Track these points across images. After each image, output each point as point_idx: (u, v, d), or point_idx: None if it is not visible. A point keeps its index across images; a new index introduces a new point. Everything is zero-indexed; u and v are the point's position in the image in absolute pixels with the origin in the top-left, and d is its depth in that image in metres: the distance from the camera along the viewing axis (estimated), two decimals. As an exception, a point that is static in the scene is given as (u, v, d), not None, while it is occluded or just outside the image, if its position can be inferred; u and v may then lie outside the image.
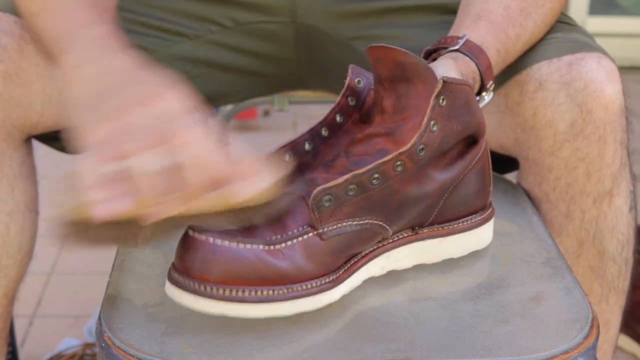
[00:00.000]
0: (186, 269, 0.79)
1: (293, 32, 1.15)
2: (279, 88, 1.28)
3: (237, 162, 0.77)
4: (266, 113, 2.74)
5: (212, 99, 1.20)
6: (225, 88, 1.20)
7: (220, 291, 0.79)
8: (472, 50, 0.94)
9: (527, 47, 1.02)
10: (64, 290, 1.85)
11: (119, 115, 0.78)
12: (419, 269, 0.93)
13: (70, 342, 1.64)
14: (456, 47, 0.94)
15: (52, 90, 1.04)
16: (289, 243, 0.80)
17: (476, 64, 0.94)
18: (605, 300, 1.08)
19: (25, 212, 1.08)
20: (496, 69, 0.97)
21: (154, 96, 0.79)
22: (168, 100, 0.78)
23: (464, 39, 0.95)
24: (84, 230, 0.77)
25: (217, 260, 0.78)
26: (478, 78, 0.94)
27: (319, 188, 0.81)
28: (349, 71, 0.89)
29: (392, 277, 0.91)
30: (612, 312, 1.10)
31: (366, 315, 0.86)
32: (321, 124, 0.89)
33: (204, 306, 0.79)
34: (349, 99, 0.89)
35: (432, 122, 0.84)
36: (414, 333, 0.83)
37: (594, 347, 0.82)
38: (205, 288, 0.79)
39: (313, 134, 0.88)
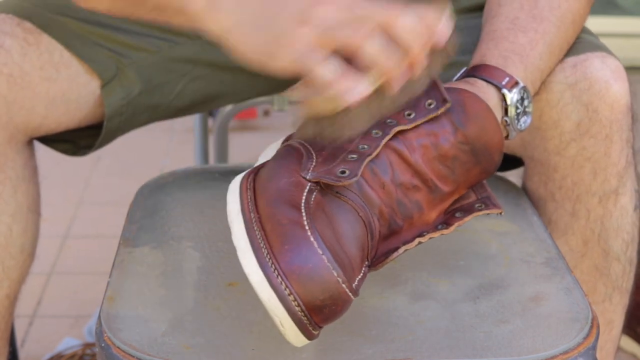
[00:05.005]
0: (324, 322, 0.79)
1: None
2: (280, 88, 1.27)
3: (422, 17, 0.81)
4: (266, 113, 2.74)
5: (214, 100, 1.20)
6: (227, 88, 1.19)
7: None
8: (465, 75, 0.95)
9: (559, 49, 1.01)
10: (64, 290, 1.85)
11: (307, 18, 0.79)
12: (419, 269, 0.93)
13: (70, 342, 1.64)
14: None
15: (56, 92, 1.05)
16: (359, 277, 0.82)
17: (481, 78, 0.94)
18: (609, 299, 1.08)
19: (27, 213, 1.08)
20: (517, 71, 0.96)
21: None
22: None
23: (457, 76, 0.96)
24: (326, 121, 0.83)
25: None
26: (493, 92, 0.94)
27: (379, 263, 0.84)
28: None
29: (392, 277, 0.91)
30: (616, 312, 1.09)
31: (366, 315, 0.86)
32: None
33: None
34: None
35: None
36: (414, 333, 0.83)
37: (594, 347, 0.82)
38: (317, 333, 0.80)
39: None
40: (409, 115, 0.87)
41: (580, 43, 1.03)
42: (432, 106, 0.88)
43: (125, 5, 0.91)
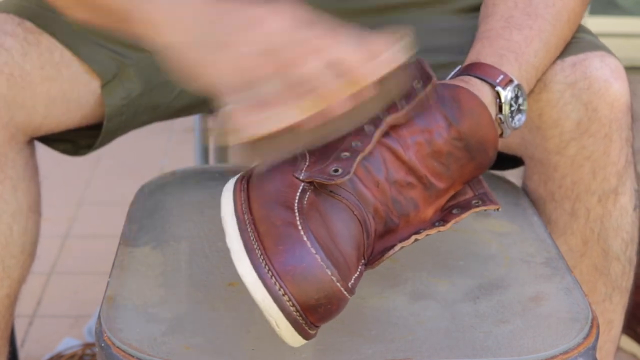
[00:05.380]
0: (320, 321, 0.79)
1: None
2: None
3: (365, 47, 0.80)
4: (266, 113, 2.74)
5: (214, 100, 1.20)
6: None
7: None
8: (460, 74, 0.94)
9: (554, 47, 1.01)
10: (64, 290, 1.85)
11: (234, 44, 0.81)
12: (419, 269, 0.93)
13: (70, 342, 1.64)
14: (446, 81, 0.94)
15: (56, 92, 1.05)
16: (355, 276, 0.81)
17: (475, 76, 0.93)
18: (609, 299, 1.08)
19: (28, 213, 1.08)
20: (511, 69, 0.95)
21: (260, 18, 0.82)
22: (276, 19, 0.81)
23: (453, 73, 0.95)
24: (253, 147, 0.80)
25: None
26: (487, 90, 0.93)
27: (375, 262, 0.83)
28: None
29: (392, 277, 0.91)
30: (615, 312, 1.10)
31: (366, 315, 0.86)
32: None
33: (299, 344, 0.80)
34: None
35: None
36: (414, 333, 0.83)
37: (594, 347, 0.82)
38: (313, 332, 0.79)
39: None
40: (399, 101, 0.87)
41: (580, 42, 1.03)
42: (419, 86, 0.88)
43: (97, 16, 0.93)
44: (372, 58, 0.80)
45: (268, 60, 0.79)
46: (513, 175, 1.17)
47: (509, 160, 1.13)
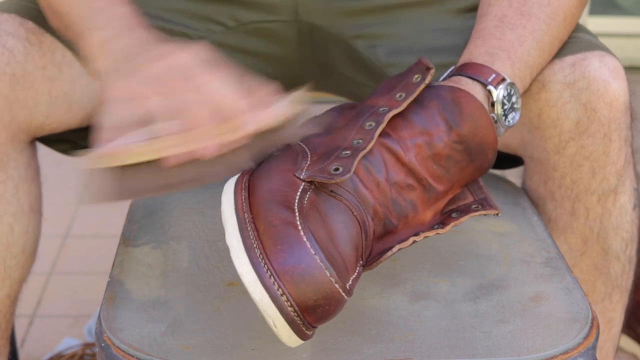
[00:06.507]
0: (317, 322, 0.78)
1: (295, 31, 1.15)
2: (281, 89, 1.27)
3: (252, 97, 0.84)
4: (266, 113, 2.74)
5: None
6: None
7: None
8: (452, 74, 0.94)
9: (549, 46, 1.01)
10: (64, 290, 1.85)
11: (138, 71, 0.86)
12: (419, 269, 0.93)
13: (70, 342, 1.64)
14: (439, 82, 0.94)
15: (58, 92, 1.05)
16: (353, 277, 0.81)
17: (466, 76, 0.93)
18: (609, 298, 1.08)
19: (29, 213, 1.08)
20: (504, 67, 0.95)
21: (170, 52, 0.87)
22: (183, 54, 0.87)
23: (446, 73, 0.95)
24: (116, 178, 0.82)
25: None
26: (478, 89, 0.93)
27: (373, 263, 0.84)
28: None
29: (392, 277, 0.91)
30: (615, 311, 1.10)
31: (366, 315, 0.86)
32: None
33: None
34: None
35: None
36: (414, 333, 0.83)
37: (594, 347, 0.82)
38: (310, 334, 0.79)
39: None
40: (400, 96, 0.87)
41: (579, 42, 1.04)
42: (418, 80, 0.88)
43: (63, 27, 1.00)
44: (256, 109, 0.84)
45: (152, 88, 0.83)
46: (513, 175, 1.17)
47: (508, 160, 1.13)
